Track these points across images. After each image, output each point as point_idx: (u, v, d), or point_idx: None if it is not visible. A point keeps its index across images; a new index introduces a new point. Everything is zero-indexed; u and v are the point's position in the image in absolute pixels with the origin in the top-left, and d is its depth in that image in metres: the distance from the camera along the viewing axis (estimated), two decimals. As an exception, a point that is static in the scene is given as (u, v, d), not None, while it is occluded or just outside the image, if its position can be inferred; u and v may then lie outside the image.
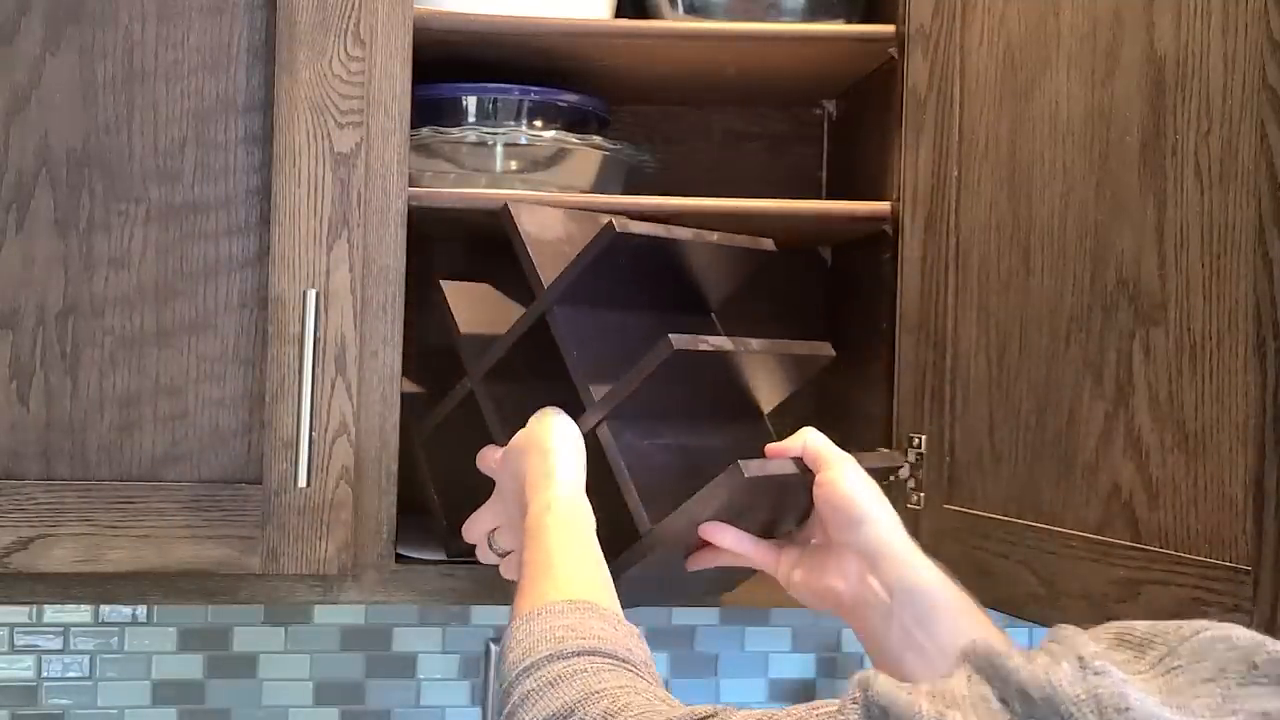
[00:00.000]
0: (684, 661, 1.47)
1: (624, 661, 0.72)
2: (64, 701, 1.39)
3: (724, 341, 1.00)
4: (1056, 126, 0.96)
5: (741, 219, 1.19)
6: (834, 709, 0.55)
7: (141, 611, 1.40)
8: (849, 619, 0.91)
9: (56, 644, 1.39)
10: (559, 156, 1.20)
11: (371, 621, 1.43)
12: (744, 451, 0.93)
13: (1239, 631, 0.47)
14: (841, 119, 1.41)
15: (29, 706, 1.39)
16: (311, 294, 1.05)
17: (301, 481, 1.05)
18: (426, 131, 1.16)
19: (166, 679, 1.40)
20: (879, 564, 0.87)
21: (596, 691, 0.68)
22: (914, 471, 1.10)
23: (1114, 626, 0.52)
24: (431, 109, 1.19)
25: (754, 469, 0.91)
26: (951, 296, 1.07)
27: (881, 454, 1.11)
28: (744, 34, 1.19)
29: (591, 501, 0.92)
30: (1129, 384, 0.87)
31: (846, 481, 0.90)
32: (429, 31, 1.12)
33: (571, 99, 1.22)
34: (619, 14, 1.25)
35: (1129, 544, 0.86)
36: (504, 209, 1.08)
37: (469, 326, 1.11)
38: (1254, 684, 0.45)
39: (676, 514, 0.95)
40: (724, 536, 0.96)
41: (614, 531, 0.94)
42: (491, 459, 1.01)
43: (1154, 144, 0.86)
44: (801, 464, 0.93)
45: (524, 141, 1.19)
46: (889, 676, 0.54)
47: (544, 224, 1.09)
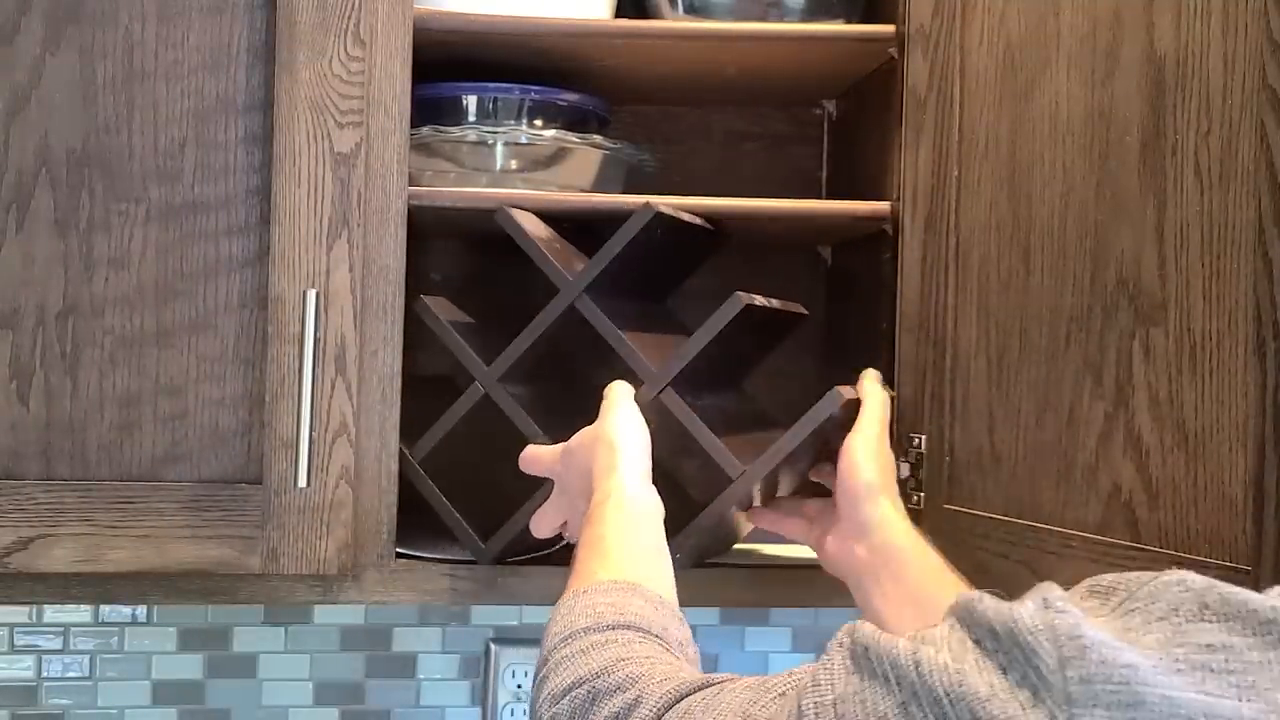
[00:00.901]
0: (684, 661, 1.47)
1: (658, 637, 0.76)
2: (64, 701, 1.39)
3: (773, 300, 1.08)
4: (1056, 126, 0.96)
5: (741, 219, 1.19)
6: (823, 659, 0.59)
7: (141, 611, 1.40)
8: (852, 589, 0.99)
9: (56, 644, 1.39)
10: (559, 156, 1.20)
11: (371, 621, 1.43)
12: (756, 413, 0.98)
13: (1194, 576, 0.51)
14: (841, 119, 1.41)
15: (29, 706, 1.39)
16: (311, 294, 1.05)
17: (301, 481, 1.05)
18: (427, 131, 1.16)
19: (166, 679, 1.40)
20: (870, 535, 0.97)
21: (625, 659, 0.72)
22: (914, 471, 1.10)
23: (1087, 580, 0.56)
24: (431, 108, 1.19)
25: (848, 393, 1.02)
26: (951, 296, 1.07)
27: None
28: (744, 34, 1.19)
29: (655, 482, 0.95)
30: (1129, 384, 0.87)
31: (857, 452, 0.99)
32: (429, 31, 1.12)
33: (571, 98, 1.22)
34: (619, 14, 1.25)
35: (1129, 544, 0.86)
36: (501, 213, 1.08)
37: (463, 334, 1.11)
38: (1203, 621, 0.48)
39: (770, 453, 1.01)
40: (764, 518, 1.08)
41: (675, 504, 0.99)
42: (544, 458, 1.03)
43: (1154, 144, 0.86)
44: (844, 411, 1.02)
45: (524, 141, 1.19)
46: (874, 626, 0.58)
47: (536, 224, 1.10)
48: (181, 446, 1.07)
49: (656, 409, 1.03)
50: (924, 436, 1.09)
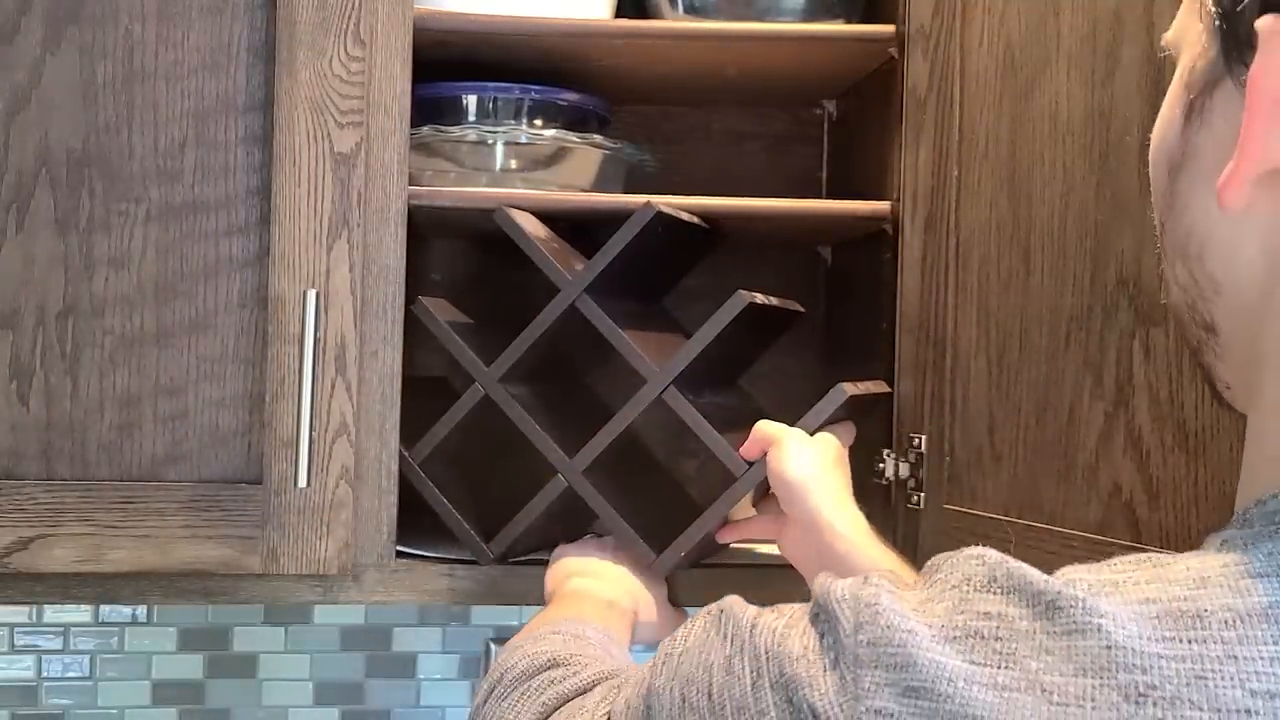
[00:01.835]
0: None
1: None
2: (64, 701, 1.39)
3: (772, 298, 1.09)
4: (1056, 127, 0.96)
5: (741, 219, 1.19)
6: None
7: (141, 611, 1.40)
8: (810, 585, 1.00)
9: (56, 644, 1.39)
10: (559, 155, 1.20)
11: (371, 621, 1.43)
12: (755, 411, 0.99)
13: (992, 553, 0.54)
14: (841, 119, 1.41)
15: (29, 706, 1.39)
16: (311, 294, 1.05)
17: (301, 481, 1.05)
18: (427, 130, 1.16)
19: (166, 679, 1.40)
20: (813, 534, 0.98)
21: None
22: (914, 471, 1.10)
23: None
24: (431, 108, 1.19)
25: (859, 388, 1.04)
26: (951, 296, 1.07)
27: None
28: (744, 34, 1.19)
29: (648, 485, 0.97)
30: (1129, 384, 0.87)
31: (786, 459, 1.00)
32: (429, 31, 1.12)
33: (571, 98, 1.22)
34: (619, 14, 1.25)
35: (1129, 544, 0.86)
36: (500, 213, 1.08)
37: (463, 335, 1.11)
38: (988, 592, 0.52)
39: None
40: (738, 530, 1.09)
41: (675, 505, 1.01)
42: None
43: (1154, 144, 0.86)
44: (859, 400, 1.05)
45: (524, 140, 1.19)
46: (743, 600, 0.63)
47: (535, 224, 1.10)
48: (182, 446, 1.07)
49: (656, 409, 1.04)
50: (924, 436, 1.09)
